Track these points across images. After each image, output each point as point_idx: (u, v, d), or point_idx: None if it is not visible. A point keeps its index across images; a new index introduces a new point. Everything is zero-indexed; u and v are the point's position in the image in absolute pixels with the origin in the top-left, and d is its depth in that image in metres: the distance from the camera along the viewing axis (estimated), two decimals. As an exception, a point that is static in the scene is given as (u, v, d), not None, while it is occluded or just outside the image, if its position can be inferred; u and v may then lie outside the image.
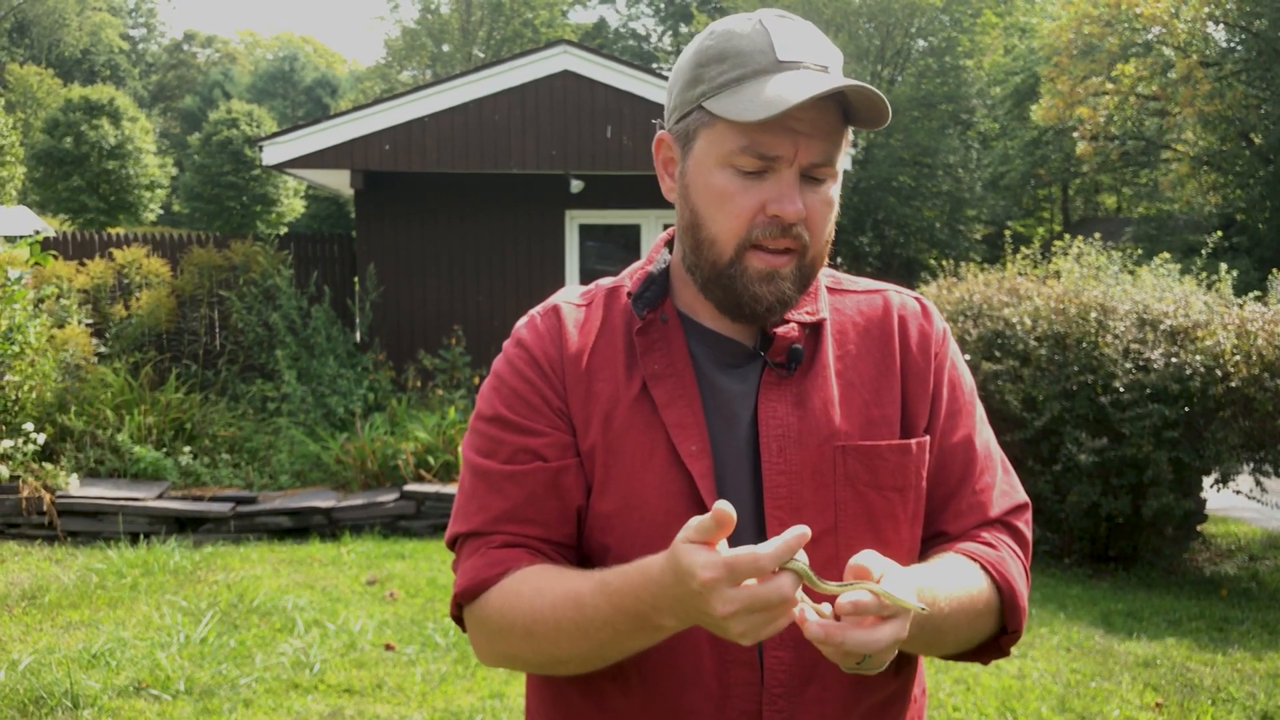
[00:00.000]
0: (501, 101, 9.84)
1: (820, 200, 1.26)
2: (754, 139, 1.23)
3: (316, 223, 29.66)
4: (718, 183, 1.26)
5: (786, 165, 1.23)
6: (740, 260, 1.26)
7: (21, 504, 7.18)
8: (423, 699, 4.47)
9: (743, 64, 1.24)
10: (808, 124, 1.23)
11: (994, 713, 4.41)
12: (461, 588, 1.31)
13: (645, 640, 1.19)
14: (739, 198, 1.25)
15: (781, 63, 1.23)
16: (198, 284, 10.11)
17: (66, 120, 31.00)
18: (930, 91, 30.59)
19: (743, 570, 1.01)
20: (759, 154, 1.23)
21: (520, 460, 1.31)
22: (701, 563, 1.03)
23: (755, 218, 1.25)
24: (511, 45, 40.19)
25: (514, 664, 1.33)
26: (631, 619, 1.15)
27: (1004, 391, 6.82)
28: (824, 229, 1.28)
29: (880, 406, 1.34)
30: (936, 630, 1.22)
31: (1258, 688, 4.76)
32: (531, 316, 1.41)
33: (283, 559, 6.81)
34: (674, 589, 1.07)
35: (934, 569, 1.27)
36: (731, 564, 1.01)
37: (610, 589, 1.16)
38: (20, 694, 4.33)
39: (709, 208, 1.27)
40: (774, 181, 1.24)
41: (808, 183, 1.25)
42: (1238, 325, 6.61)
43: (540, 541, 1.30)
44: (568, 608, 1.20)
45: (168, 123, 55.88)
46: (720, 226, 1.27)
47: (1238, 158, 23.94)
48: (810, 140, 1.23)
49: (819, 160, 1.24)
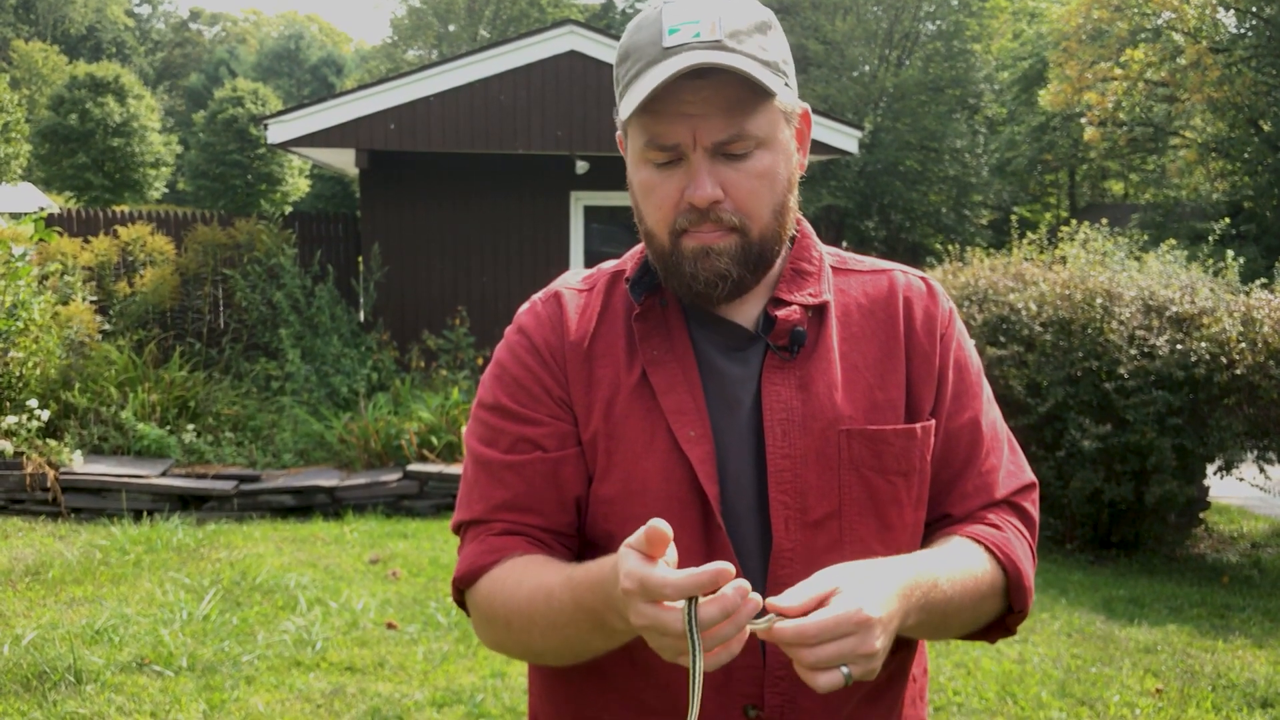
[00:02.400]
0: (507, 81, 9.81)
1: (745, 175, 1.24)
2: (651, 132, 1.22)
3: (321, 202, 29.64)
4: (641, 178, 1.27)
5: (690, 150, 1.22)
6: (677, 246, 1.26)
7: (25, 480, 7.20)
8: (424, 678, 4.49)
9: (640, 58, 1.23)
10: (700, 104, 1.20)
11: (994, 697, 4.42)
12: (459, 573, 1.32)
13: (604, 641, 1.18)
14: (659, 190, 1.25)
15: (666, 49, 1.21)
16: (202, 262, 10.10)
17: (72, 97, 30.98)
18: (938, 76, 30.46)
19: (652, 590, 1.00)
20: (659, 145, 1.23)
21: (520, 450, 1.31)
22: (625, 571, 1.02)
23: (678, 206, 1.25)
24: (518, 25, 40.05)
25: (504, 651, 1.33)
26: (589, 615, 1.15)
27: (1008, 377, 6.81)
28: (758, 203, 1.25)
29: (885, 389, 1.32)
30: (941, 615, 1.21)
31: (1258, 674, 4.76)
32: (533, 302, 1.40)
33: (285, 537, 6.83)
34: (614, 589, 1.07)
35: (936, 555, 1.26)
36: (644, 580, 1.00)
37: (574, 583, 1.16)
38: (24, 668, 4.35)
39: (642, 203, 1.29)
40: (685, 169, 1.23)
41: (726, 160, 1.23)
42: (1243, 312, 6.59)
43: (540, 530, 1.30)
44: (540, 600, 1.20)
45: (173, 101, 55.80)
46: (652, 219, 1.28)
47: (1246, 144, 23.84)
48: (707, 120, 1.21)
49: (723, 137, 1.21)
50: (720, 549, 1.24)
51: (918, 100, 29.84)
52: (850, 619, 1.03)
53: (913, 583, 1.15)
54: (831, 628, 1.02)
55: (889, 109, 30.41)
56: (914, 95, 29.86)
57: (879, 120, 29.86)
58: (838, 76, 30.86)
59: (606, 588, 1.09)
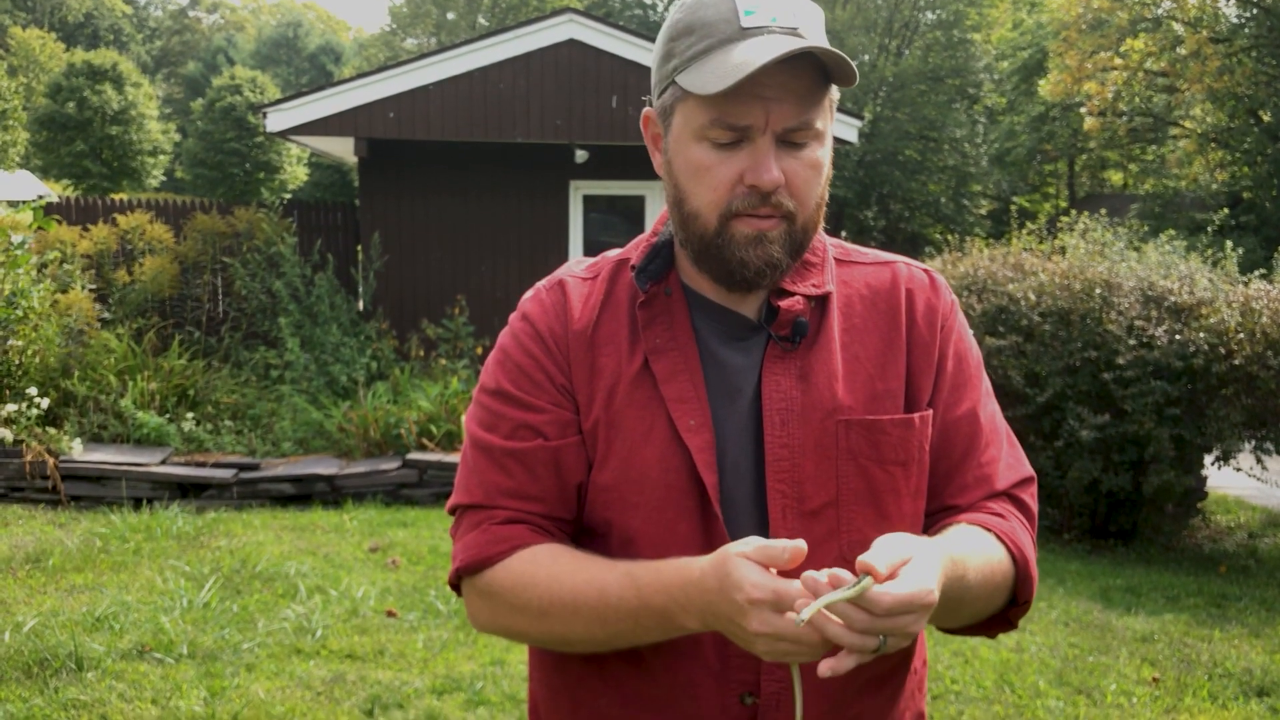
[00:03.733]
0: (506, 70, 9.79)
1: (803, 164, 1.24)
2: (722, 110, 1.21)
3: (320, 191, 29.55)
4: (695, 156, 1.25)
5: (759, 133, 1.22)
6: (726, 229, 1.26)
7: (25, 468, 7.21)
8: (424, 665, 4.50)
9: (708, 34, 1.23)
10: (776, 89, 1.20)
11: (992, 685, 4.44)
12: (465, 561, 1.31)
13: (661, 635, 1.21)
14: (716, 170, 1.24)
15: (745, 29, 1.21)
16: (201, 250, 10.10)
17: (69, 85, 30.86)
18: (937, 65, 30.41)
19: (787, 602, 1.05)
20: (729, 125, 1.22)
21: (521, 436, 1.31)
22: (753, 581, 1.07)
23: (734, 189, 1.24)
24: (516, 13, 39.91)
25: (515, 637, 1.34)
26: (656, 615, 1.18)
27: (1007, 367, 6.82)
28: (811, 193, 1.26)
29: (885, 380, 1.33)
30: (958, 601, 1.22)
31: (1254, 663, 4.79)
32: (537, 290, 1.40)
33: (285, 525, 6.84)
34: (713, 595, 1.10)
35: (962, 539, 1.26)
36: (780, 593, 1.06)
37: (640, 583, 1.18)
38: (25, 655, 4.36)
39: (689, 182, 1.27)
40: (749, 151, 1.23)
41: (787, 148, 1.23)
42: (1242, 303, 6.60)
43: (541, 517, 1.31)
44: (590, 595, 1.21)
45: (171, 88, 55.65)
46: (702, 200, 1.26)
47: (1246, 135, 23.79)
48: (781, 105, 1.21)
49: (793, 125, 1.22)
50: (717, 538, 1.24)
51: (917, 89, 29.80)
52: (921, 599, 1.05)
53: (948, 562, 1.16)
54: (905, 603, 1.04)
55: (888, 98, 30.36)
56: (913, 84, 29.82)
57: (878, 109, 29.82)
58: (837, 66, 30.75)
59: (702, 590, 1.13)
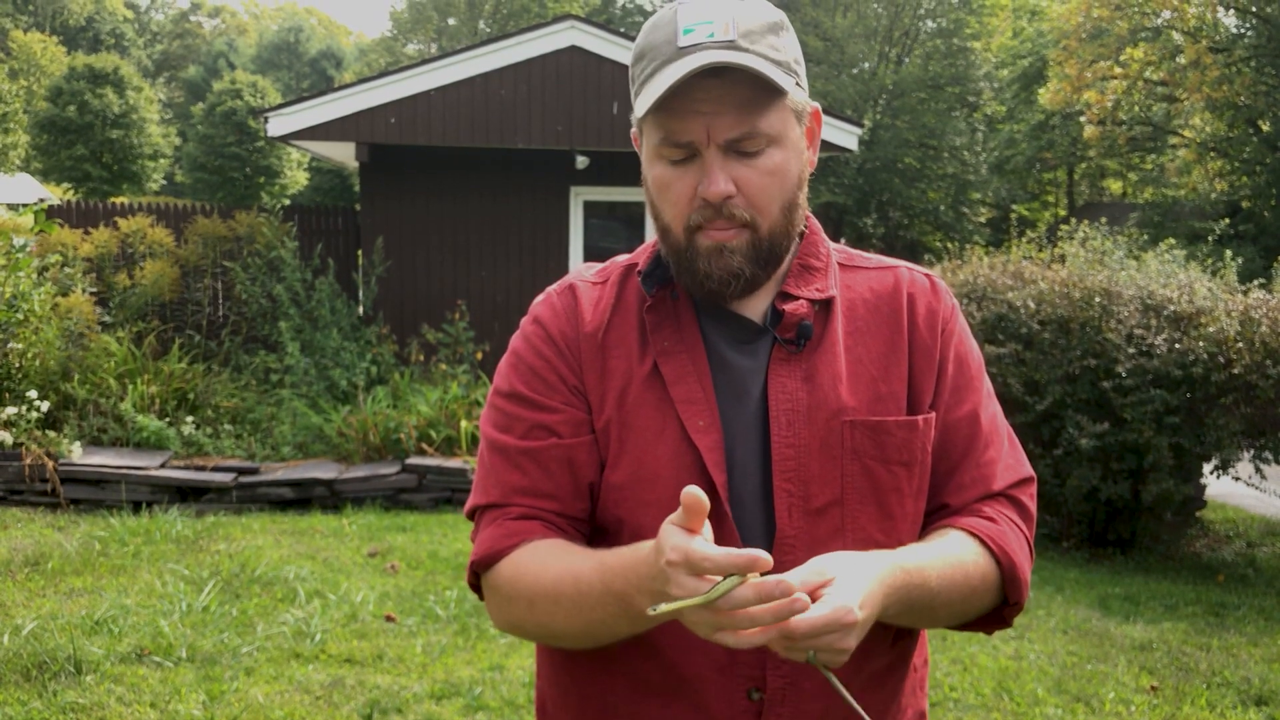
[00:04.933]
0: (507, 76, 9.81)
1: (757, 172, 1.27)
2: (666, 129, 1.26)
3: (320, 195, 29.58)
4: (657, 174, 1.31)
5: (704, 147, 1.25)
6: (692, 243, 1.30)
7: (25, 471, 7.21)
8: (423, 670, 4.50)
9: (655, 57, 1.27)
10: (712, 102, 1.24)
11: (990, 693, 4.44)
12: (478, 556, 1.34)
13: (629, 626, 1.21)
14: (674, 186, 1.29)
15: (681, 49, 1.24)
16: (202, 254, 10.10)
17: (70, 88, 30.92)
18: (937, 73, 30.47)
19: (695, 562, 1.04)
20: (673, 142, 1.26)
21: (536, 436, 1.34)
22: (670, 544, 1.06)
23: (692, 203, 1.28)
24: (518, 19, 40.02)
25: (519, 632, 1.36)
26: (617, 600, 1.18)
27: (1006, 375, 6.83)
28: (769, 200, 1.29)
29: (888, 383, 1.35)
30: (926, 607, 1.25)
31: (1252, 672, 4.79)
32: (548, 294, 1.44)
33: (284, 530, 6.84)
34: (652, 568, 1.10)
35: (924, 547, 1.29)
36: (689, 552, 1.04)
37: (605, 567, 1.19)
38: (24, 658, 4.36)
39: (658, 199, 1.32)
40: (699, 165, 1.27)
41: (738, 157, 1.26)
42: (1241, 312, 6.60)
43: (556, 515, 1.33)
44: (567, 584, 1.23)
45: (172, 92, 55.72)
46: (668, 215, 1.31)
47: (1245, 144, 23.85)
48: (720, 117, 1.24)
49: (736, 135, 1.25)
50: (727, 535, 1.26)
51: (917, 97, 29.86)
52: (839, 620, 1.07)
53: (895, 573, 1.18)
54: (821, 627, 1.06)
55: (888, 106, 30.42)
56: (913, 92, 29.87)
57: (878, 117, 29.87)
58: (837, 73, 30.87)
59: (641, 569, 1.12)
